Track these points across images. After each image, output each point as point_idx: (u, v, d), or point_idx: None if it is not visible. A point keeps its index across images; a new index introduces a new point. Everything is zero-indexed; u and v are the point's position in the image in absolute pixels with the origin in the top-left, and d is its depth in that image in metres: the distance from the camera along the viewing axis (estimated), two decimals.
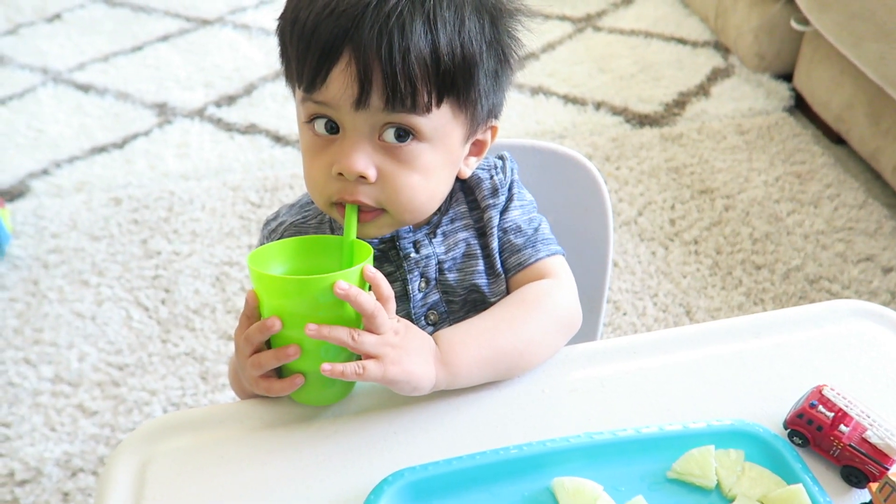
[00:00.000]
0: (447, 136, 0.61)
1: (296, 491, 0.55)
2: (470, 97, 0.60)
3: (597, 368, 0.64)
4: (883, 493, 0.49)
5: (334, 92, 0.57)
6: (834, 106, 1.92)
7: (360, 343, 0.55)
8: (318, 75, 0.56)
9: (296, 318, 0.54)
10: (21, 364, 1.46)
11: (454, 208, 0.70)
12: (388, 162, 0.59)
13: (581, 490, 0.53)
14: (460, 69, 0.57)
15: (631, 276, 1.62)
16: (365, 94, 0.56)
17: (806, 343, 0.65)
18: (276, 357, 0.56)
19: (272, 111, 2.17)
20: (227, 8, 2.75)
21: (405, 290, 0.68)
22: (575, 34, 2.56)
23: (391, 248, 0.68)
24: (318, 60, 0.56)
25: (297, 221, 0.71)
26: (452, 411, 0.60)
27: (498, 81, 0.63)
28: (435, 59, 0.56)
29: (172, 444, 0.59)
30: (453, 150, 0.63)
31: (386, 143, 0.59)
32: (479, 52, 0.58)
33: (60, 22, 2.68)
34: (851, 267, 1.61)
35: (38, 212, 1.82)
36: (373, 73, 0.55)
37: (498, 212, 0.69)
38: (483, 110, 0.63)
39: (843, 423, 0.53)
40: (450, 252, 0.69)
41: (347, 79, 0.55)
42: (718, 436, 0.56)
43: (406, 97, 0.56)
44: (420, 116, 0.58)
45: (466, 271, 0.69)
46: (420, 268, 0.68)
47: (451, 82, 0.58)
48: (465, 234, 0.69)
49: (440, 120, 0.59)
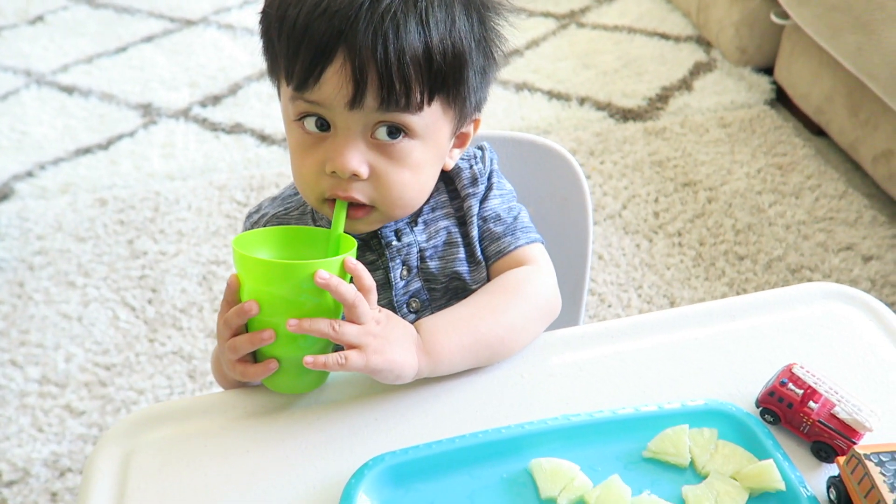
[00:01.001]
0: (437, 133, 0.62)
1: (279, 477, 0.56)
2: (460, 94, 0.61)
3: (575, 353, 0.65)
4: (850, 465, 0.50)
5: (328, 92, 0.57)
6: (814, 98, 1.94)
7: (342, 333, 0.55)
8: (310, 75, 0.56)
9: (275, 304, 0.55)
10: (7, 366, 1.45)
11: (435, 198, 0.71)
12: (380, 159, 0.60)
13: (558, 470, 0.54)
14: (451, 68, 0.58)
15: (616, 269, 1.64)
16: (360, 94, 0.56)
17: (779, 325, 0.66)
18: (250, 341, 0.56)
19: (257, 110, 2.17)
20: (211, 8, 2.75)
21: (387, 277, 0.69)
22: (559, 30, 2.57)
23: (373, 236, 0.69)
24: (311, 60, 0.56)
25: (279, 213, 0.72)
26: (432, 398, 0.61)
27: (485, 77, 0.64)
28: (428, 58, 0.57)
29: (156, 434, 0.59)
30: (442, 145, 0.64)
31: (378, 140, 0.60)
32: (469, 51, 0.60)
33: (43, 24, 2.67)
34: (832, 256, 1.64)
35: (23, 214, 1.82)
36: (368, 74, 0.55)
37: (478, 201, 0.70)
38: (471, 106, 0.64)
39: (813, 399, 0.55)
40: (431, 240, 0.70)
41: (342, 79, 0.56)
42: (692, 415, 0.57)
43: (400, 97, 0.57)
44: (412, 115, 0.59)
45: (447, 259, 0.70)
46: (402, 256, 0.69)
47: (442, 81, 0.58)
48: (446, 223, 0.70)
49: (431, 117, 0.60)
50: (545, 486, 0.53)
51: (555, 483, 0.53)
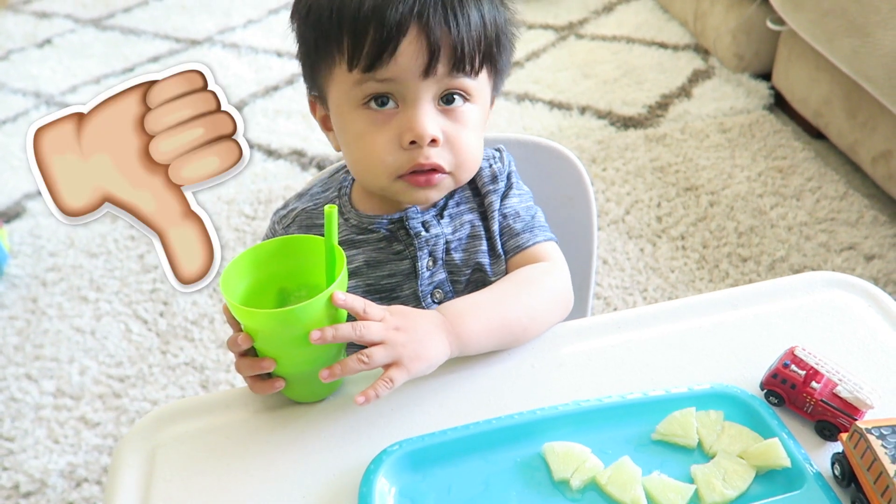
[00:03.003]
0: (484, 97, 0.70)
1: (300, 466, 0.57)
2: (499, 64, 0.70)
3: (583, 343, 0.67)
4: (852, 440, 0.52)
5: (403, 64, 0.62)
6: (812, 102, 1.96)
7: (374, 361, 0.57)
8: (384, 51, 0.62)
9: (268, 339, 0.58)
10: (23, 380, 1.48)
11: (459, 193, 0.75)
12: (449, 124, 0.66)
13: (570, 453, 0.56)
14: (496, 39, 0.67)
15: (620, 273, 1.66)
16: (434, 61, 0.63)
17: (781, 312, 0.68)
18: (251, 367, 0.59)
19: (263, 126, 2.20)
20: (215, 28, 2.80)
21: (414, 267, 0.71)
22: (558, 42, 2.61)
23: (400, 227, 0.72)
24: (384, 38, 0.61)
25: (308, 208, 0.75)
26: (446, 388, 0.63)
27: (510, 55, 0.71)
28: (483, 29, 0.65)
29: (179, 429, 0.61)
30: (487, 109, 0.72)
31: (444, 107, 0.66)
32: (505, 28, 0.68)
33: (51, 47, 2.72)
34: (835, 256, 1.65)
35: (36, 231, 1.85)
36: (441, 43, 0.62)
37: (498, 196, 0.74)
38: (502, 78, 0.72)
39: (815, 380, 0.57)
40: (456, 232, 0.73)
41: (416, 50, 0.62)
42: (699, 398, 0.59)
43: (466, 63, 0.64)
44: (473, 80, 0.66)
45: (471, 251, 0.73)
46: (429, 246, 0.72)
47: (490, 49, 0.67)
48: (470, 217, 0.74)
49: (482, 82, 0.68)
50: (558, 468, 0.55)
51: (567, 465, 0.55)
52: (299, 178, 1.99)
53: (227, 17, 2.86)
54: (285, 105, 2.27)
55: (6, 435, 1.37)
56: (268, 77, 2.43)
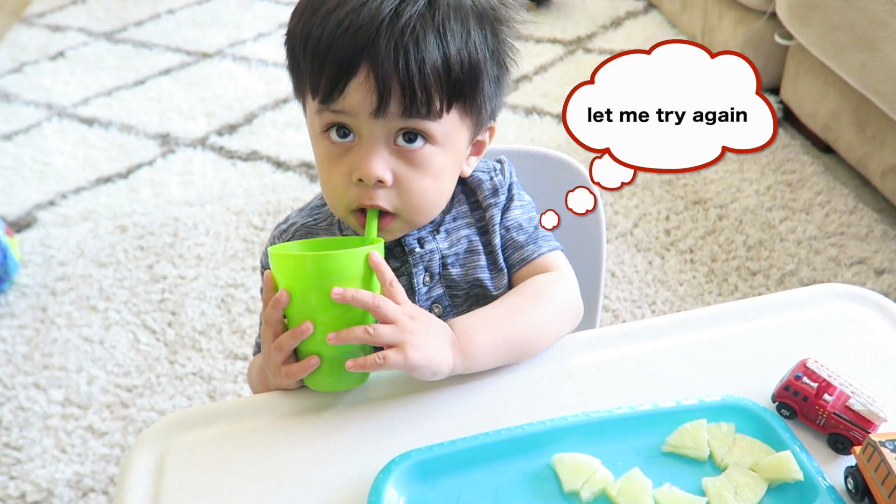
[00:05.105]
0: (455, 140, 0.65)
1: (309, 474, 0.57)
2: (476, 102, 0.65)
3: (593, 354, 0.67)
4: (866, 453, 0.51)
5: (353, 101, 0.60)
6: (821, 116, 1.96)
7: (378, 336, 0.58)
8: (335, 88, 0.60)
9: (309, 297, 0.58)
10: (31, 388, 1.48)
11: (456, 208, 0.74)
12: (403, 166, 0.63)
13: (580, 464, 0.55)
14: (468, 77, 0.62)
15: (629, 286, 1.65)
16: (384, 103, 0.60)
17: (792, 324, 0.68)
18: (292, 335, 0.59)
19: (272, 138, 2.22)
20: (226, 41, 2.82)
21: (410, 284, 0.71)
22: (566, 56, 2.62)
23: (396, 244, 0.72)
24: (335, 74, 0.60)
25: (308, 223, 0.75)
26: (455, 398, 0.63)
27: (499, 86, 0.68)
28: (446, 68, 0.60)
29: (189, 436, 0.61)
30: (460, 151, 0.68)
31: (401, 147, 0.63)
32: (484, 61, 0.63)
33: (64, 59, 2.75)
34: (845, 270, 1.64)
35: (46, 241, 1.86)
36: (391, 84, 0.59)
37: (500, 210, 0.73)
38: (486, 113, 0.67)
39: (828, 392, 0.56)
40: (453, 248, 0.72)
41: (366, 90, 0.59)
42: (709, 410, 0.58)
43: (422, 104, 0.60)
44: (432, 122, 0.62)
45: (469, 266, 0.72)
46: (424, 262, 0.71)
47: (459, 89, 0.62)
48: (468, 232, 0.73)
49: (449, 125, 0.64)
50: (568, 479, 0.54)
51: (577, 477, 0.54)
52: (308, 190, 2.00)
53: (238, 31, 2.89)
54: (294, 117, 2.28)
55: (14, 444, 1.37)
56: (277, 90, 2.45)
